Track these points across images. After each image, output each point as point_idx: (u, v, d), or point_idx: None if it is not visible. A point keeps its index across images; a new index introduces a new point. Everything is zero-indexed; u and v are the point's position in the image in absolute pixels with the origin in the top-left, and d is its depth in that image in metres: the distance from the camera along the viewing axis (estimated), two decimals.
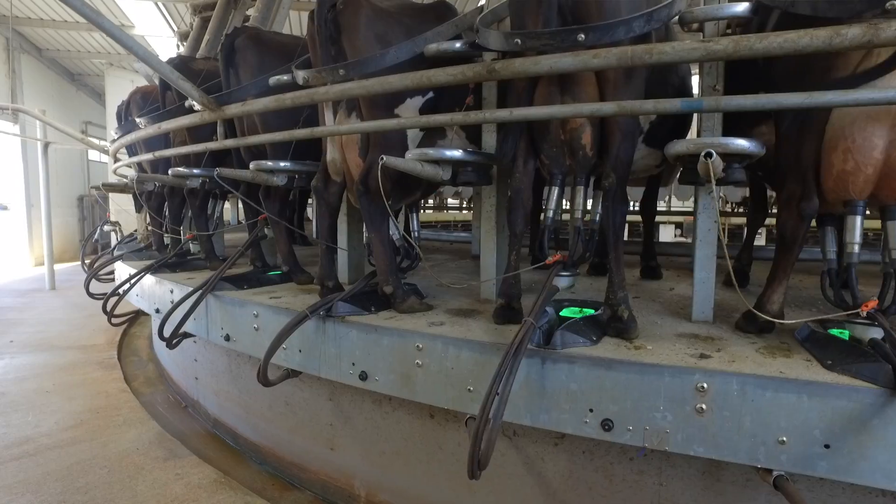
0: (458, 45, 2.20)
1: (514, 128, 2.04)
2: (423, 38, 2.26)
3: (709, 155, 1.56)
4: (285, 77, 2.76)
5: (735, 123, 2.28)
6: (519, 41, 1.83)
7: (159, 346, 5.40)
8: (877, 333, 1.70)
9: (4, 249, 12.31)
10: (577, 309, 2.25)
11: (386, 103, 2.41)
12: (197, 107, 3.30)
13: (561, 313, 2.21)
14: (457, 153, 2.14)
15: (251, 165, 3.02)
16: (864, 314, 1.70)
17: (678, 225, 13.85)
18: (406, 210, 3.26)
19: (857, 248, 1.78)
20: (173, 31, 11.53)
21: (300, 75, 2.47)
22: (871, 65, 1.65)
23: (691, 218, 2.99)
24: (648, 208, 3.46)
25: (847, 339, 1.81)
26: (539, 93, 1.99)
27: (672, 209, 13.04)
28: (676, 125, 2.47)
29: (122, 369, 5.23)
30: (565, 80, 1.95)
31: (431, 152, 2.14)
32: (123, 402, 4.35)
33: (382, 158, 2.02)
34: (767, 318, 1.92)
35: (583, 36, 1.73)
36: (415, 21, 2.43)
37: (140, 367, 5.49)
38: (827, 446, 1.54)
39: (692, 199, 2.58)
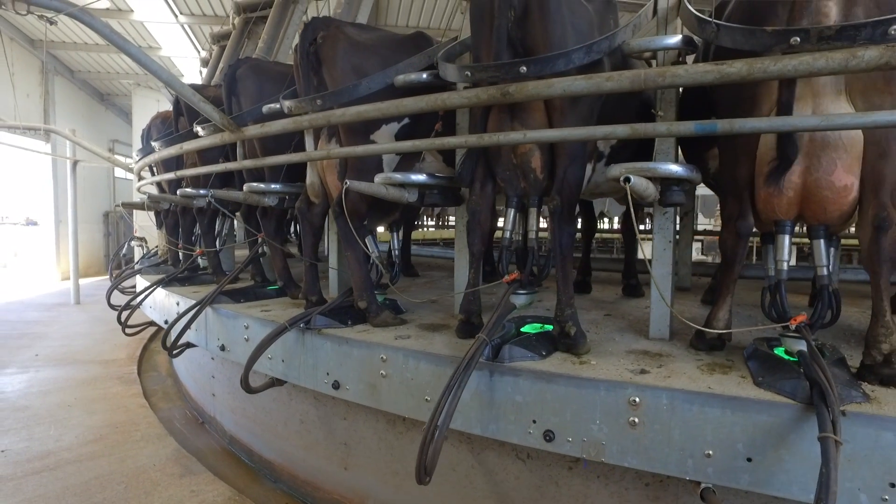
0: (424, 76, 2.43)
1: (472, 152, 2.25)
2: (394, 69, 2.51)
3: (626, 180, 1.72)
4: (277, 105, 3.04)
5: (694, 146, 2.44)
6: (468, 73, 2.05)
7: (178, 362, 5.72)
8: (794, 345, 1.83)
9: (33, 264, 13.17)
10: (538, 325, 2.42)
11: (363, 129, 2.66)
12: (201, 132, 3.65)
13: (522, 329, 2.37)
14: (420, 177, 2.36)
15: (244, 188, 3.31)
16: (793, 328, 1.81)
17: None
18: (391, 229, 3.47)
19: (786, 266, 1.91)
20: (198, 52, 12.28)
21: (285, 105, 2.75)
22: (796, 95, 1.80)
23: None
24: (629, 227, 3.59)
25: (784, 355, 1.92)
26: (491, 119, 2.20)
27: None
28: (640, 148, 2.62)
29: (141, 384, 5.53)
30: (515, 108, 2.15)
31: (398, 177, 2.38)
32: (142, 417, 4.59)
33: (346, 182, 2.25)
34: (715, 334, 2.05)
35: (525, 68, 1.93)
36: (391, 52, 2.68)
37: (159, 383, 5.80)
38: (749, 459, 1.66)
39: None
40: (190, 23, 11.26)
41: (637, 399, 1.79)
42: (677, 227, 3.04)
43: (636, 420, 1.80)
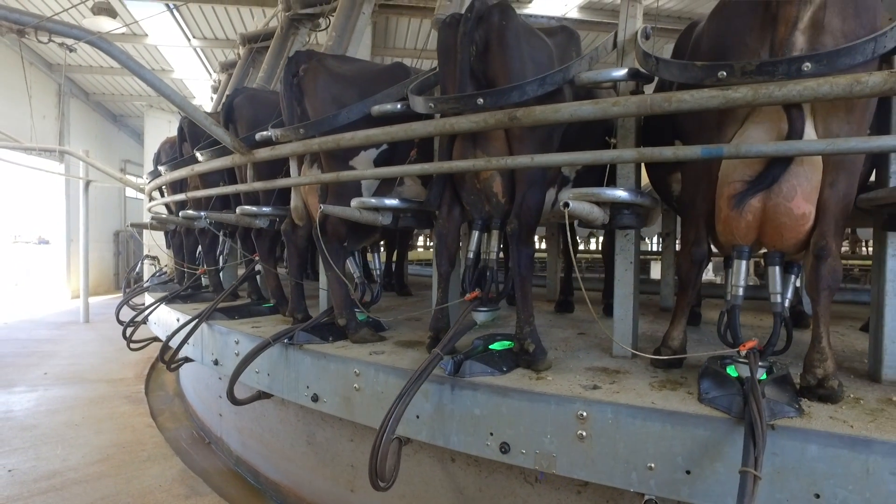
0: (398, 106, 2.65)
1: (439, 178, 2.45)
2: (371, 100, 2.74)
3: (565, 205, 1.88)
4: (268, 133, 3.28)
5: (657, 171, 2.60)
6: (432, 105, 2.26)
7: (185, 381, 5.98)
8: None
9: (44, 282, 13.67)
10: (507, 343, 2.56)
11: (343, 155, 2.88)
12: (201, 157, 3.93)
13: (490, 346, 2.52)
14: (393, 202, 2.56)
15: (237, 210, 3.55)
16: (742, 354, 1.93)
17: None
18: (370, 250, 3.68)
19: (741, 291, 2.02)
20: (209, 74, 12.84)
21: (273, 133, 3.00)
22: (760, 119, 1.94)
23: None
24: (610, 248, 3.72)
25: (734, 374, 2.04)
26: (456, 146, 2.40)
27: None
28: (604, 171, 2.78)
29: (148, 404, 5.71)
30: (478, 136, 2.35)
31: (372, 201, 2.58)
32: (149, 437, 4.73)
33: (321, 207, 2.46)
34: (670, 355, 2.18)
35: (481, 100, 2.13)
36: (369, 83, 2.91)
37: (166, 402, 5.98)
38: (688, 472, 1.78)
39: None
40: (202, 46, 11.83)
41: (584, 413, 1.93)
42: (657, 248, 3.15)
43: (584, 433, 1.93)
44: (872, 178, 2.22)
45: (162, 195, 6.05)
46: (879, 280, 2.08)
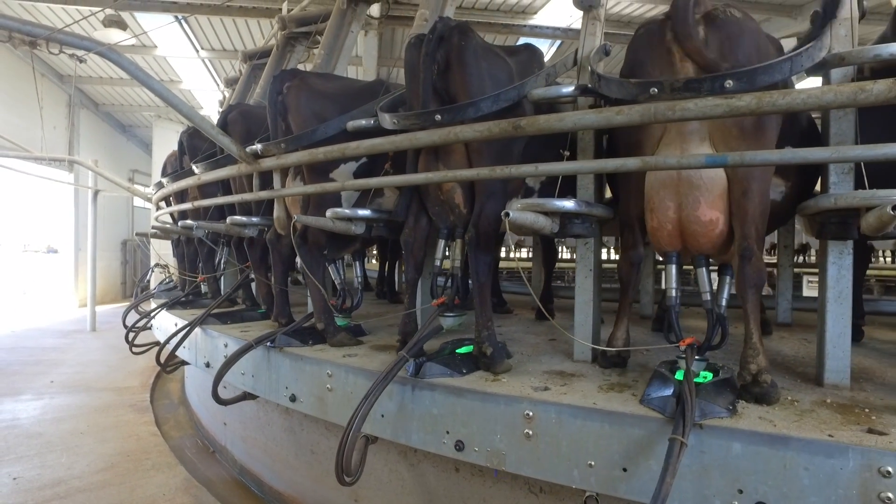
0: (372, 122, 2.86)
1: (406, 190, 2.65)
2: (347, 116, 2.96)
3: (506, 215, 2.06)
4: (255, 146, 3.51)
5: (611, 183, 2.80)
6: (396, 121, 2.47)
7: (191, 390, 6.22)
8: (697, 367, 2.11)
9: (52, 291, 14.16)
10: (472, 346, 2.74)
11: (323, 168, 3.10)
12: (197, 170, 4.19)
13: (457, 350, 2.70)
14: (365, 212, 2.77)
15: (227, 220, 3.79)
16: (683, 349, 2.09)
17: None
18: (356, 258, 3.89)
19: (674, 293, 2.20)
20: (217, 84, 13.28)
21: (257, 148, 3.23)
22: (669, 140, 2.14)
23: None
24: None
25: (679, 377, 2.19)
26: (421, 160, 2.60)
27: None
28: (570, 182, 2.95)
29: (153, 412, 5.88)
30: (440, 149, 2.55)
31: (346, 212, 2.79)
32: (153, 445, 4.86)
33: (294, 217, 2.68)
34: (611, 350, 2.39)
35: (439, 117, 2.33)
36: (350, 100, 3.14)
37: (171, 411, 6.17)
38: (625, 469, 1.93)
39: None
40: (210, 57, 12.27)
41: (531, 413, 2.09)
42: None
43: (530, 432, 2.09)
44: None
45: (168, 205, 6.37)
46: (822, 287, 2.22)
